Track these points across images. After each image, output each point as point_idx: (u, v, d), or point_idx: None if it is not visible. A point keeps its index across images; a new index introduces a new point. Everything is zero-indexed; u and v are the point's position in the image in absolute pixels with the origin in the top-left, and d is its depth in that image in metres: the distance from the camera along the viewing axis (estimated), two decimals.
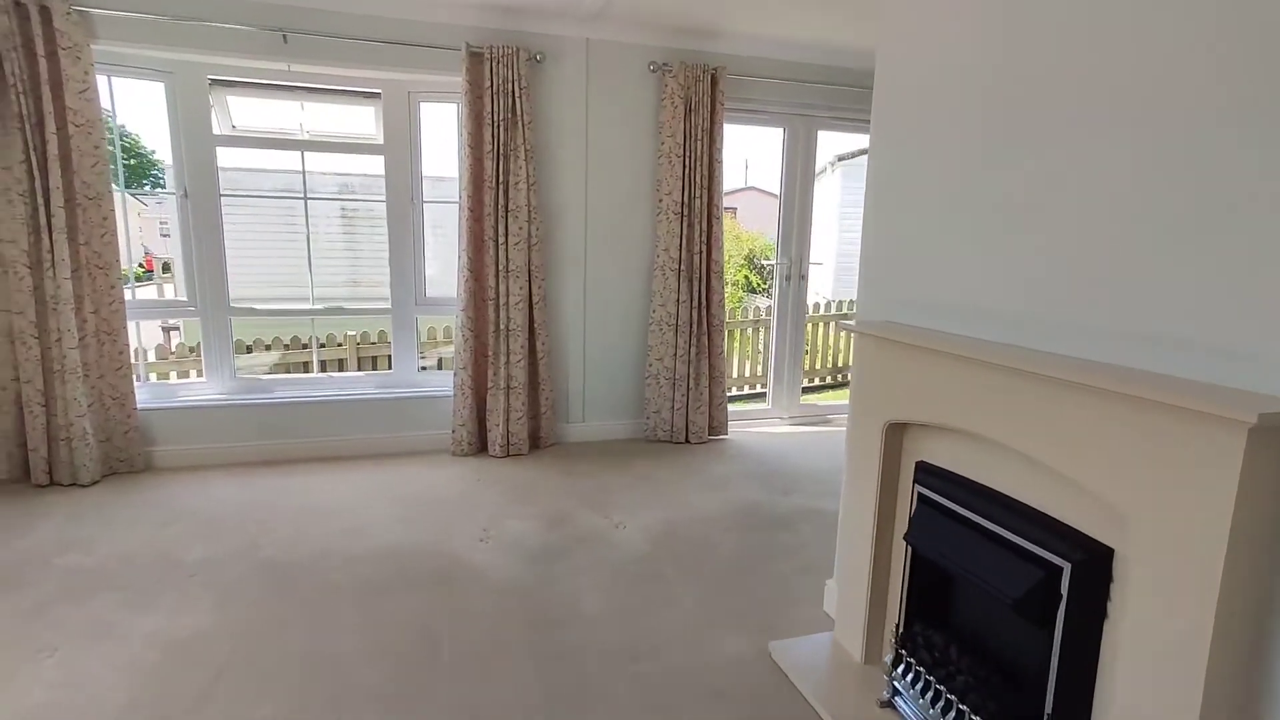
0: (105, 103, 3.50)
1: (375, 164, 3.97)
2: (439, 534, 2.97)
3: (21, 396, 3.30)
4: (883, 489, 1.95)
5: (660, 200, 4.11)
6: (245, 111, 3.97)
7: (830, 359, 7.37)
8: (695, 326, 4.23)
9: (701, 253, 4.17)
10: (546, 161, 3.99)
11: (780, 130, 4.56)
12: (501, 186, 3.77)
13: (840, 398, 6.82)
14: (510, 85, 3.69)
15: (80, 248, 3.32)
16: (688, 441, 4.34)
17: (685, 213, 4.10)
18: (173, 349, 5.74)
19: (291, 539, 2.88)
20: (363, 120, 4.28)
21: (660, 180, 4.09)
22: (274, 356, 6.67)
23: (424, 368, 4.51)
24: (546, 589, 2.54)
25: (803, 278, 4.79)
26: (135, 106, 3.00)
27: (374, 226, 8.57)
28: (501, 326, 3.89)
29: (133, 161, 15.97)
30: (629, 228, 4.22)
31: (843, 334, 7.35)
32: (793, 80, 4.32)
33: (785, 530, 3.12)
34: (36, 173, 3.17)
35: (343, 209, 8.62)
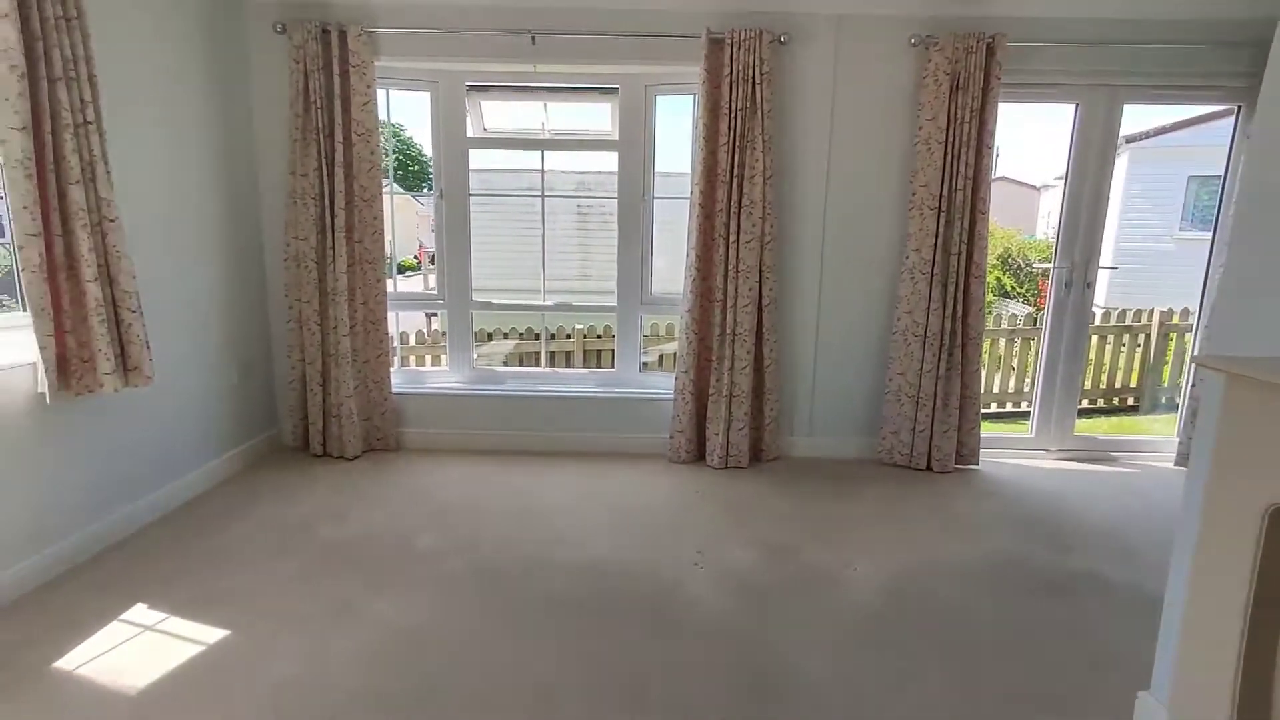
0: (382, 113, 3.84)
1: (611, 161, 3.94)
2: (651, 552, 2.82)
3: (305, 376, 3.74)
4: (1258, 598, 1.38)
5: (914, 193, 3.59)
6: (495, 114, 4.17)
7: (1109, 378, 6.17)
8: (948, 338, 3.65)
9: (961, 254, 3.57)
10: (785, 153, 3.67)
11: (1071, 107, 3.77)
12: (736, 180, 3.53)
13: (1122, 429, 5.65)
14: (751, 71, 3.42)
15: (355, 245, 3.68)
16: (929, 469, 3.78)
17: (944, 207, 3.54)
18: (428, 336, 6.33)
19: (507, 539, 2.90)
20: (600, 117, 4.29)
21: (916, 170, 3.57)
22: (510, 345, 7.13)
23: (645, 364, 4.44)
24: (763, 638, 2.25)
25: (1088, 285, 3.95)
26: (418, 115, 3.31)
27: (606, 224, 8.88)
28: (727, 330, 3.66)
29: (415, 167, 18.33)
30: (874, 225, 3.75)
31: (1123, 351, 6.10)
32: (1093, 43, 3.54)
33: (1062, 601, 2.51)
34: (325, 178, 3.55)
35: (579, 206, 9.02)
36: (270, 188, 3.75)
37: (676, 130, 4.02)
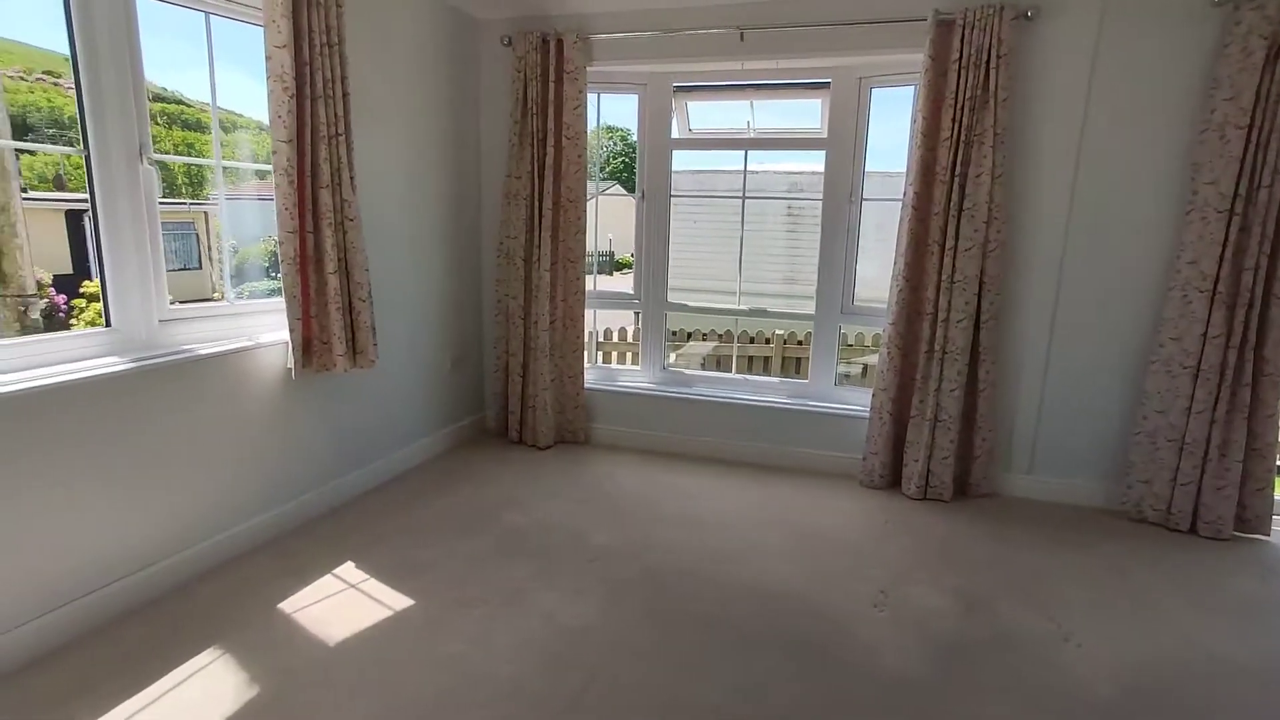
0: (606, 118, 3.97)
1: (820, 160, 3.71)
2: (828, 582, 2.59)
3: (508, 367, 4.00)
4: None
5: (1195, 193, 2.93)
6: (701, 115, 4.13)
7: None
8: (1231, 374, 2.93)
9: (1259, 269, 2.85)
10: (1019, 148, 3.18)
11: None
12: (957, 180, 3.13)
13: None
14: (985, 55, 3.01)
15: (559, 244, 3.84)
16: (1194, 532, 3.08)
17: (1239, 210, 2.84)
18: (630, 334, 6.51)
19: (679, 547, 2.84)
20: (809, 114, 4.07)
21: (1200, 164, 2.91)
22: (708, 347, 7.11)
23: (846, 375, 4.14)
24: (948, 707, 1.95)
25: None
26: (629, 118, 3.37)
27: (814, 226, 8.53)
28: (936, 347, 3.27)
29: (627, 175, 19.10)
30: (1133, 231, 3.13)
31: None
32: None
33: None
34: (536, 179, 3.75)
35: (788, 208, 8.74)
36: (490, 189, 4.05)
37: (889, 126, 3.69)
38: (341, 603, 2.35)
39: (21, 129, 4.02)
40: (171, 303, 2.53)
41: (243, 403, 2.65)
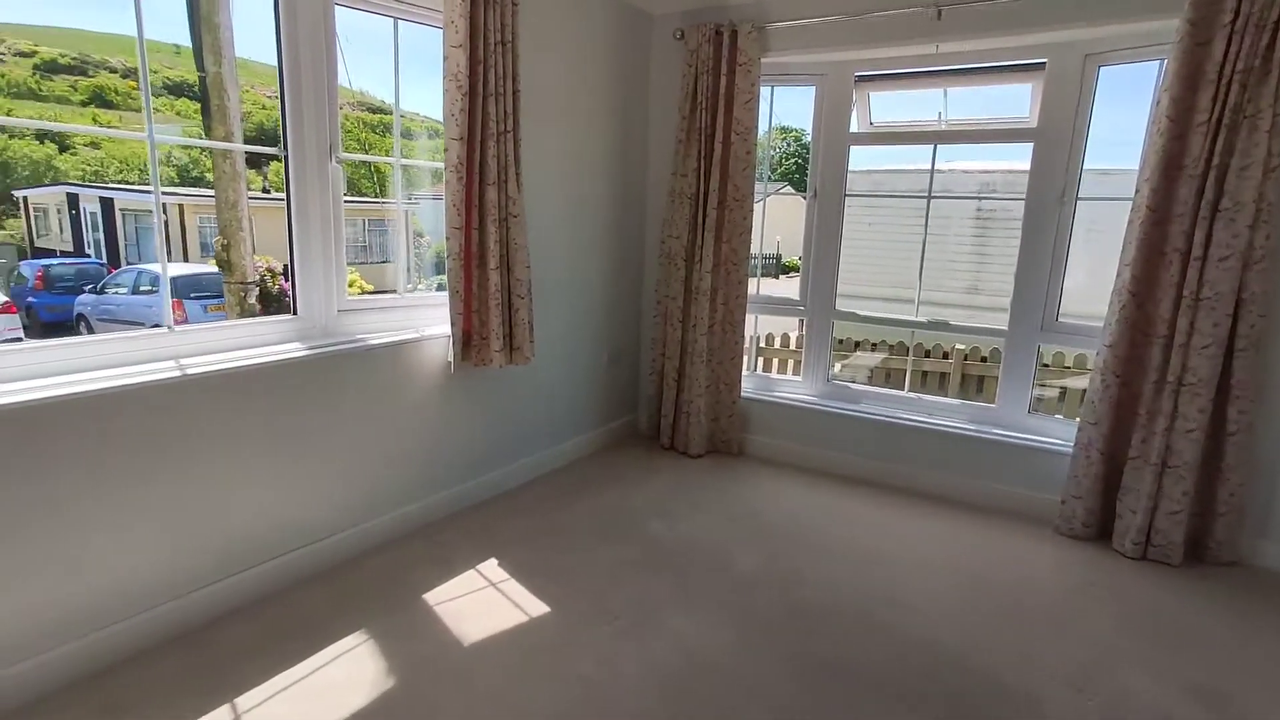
0: (778, 118, 3.76)
1: (1022, 155, 3.23)
2: (1011, 653, 2.19)
3: (664, 370, 3.89)
4: None
5: None
6: (885, 106, 3.76)
7: None
8: None
9: None
10: None
11: None
12: (1213, 174, 2.55)
13: None
14: (1274, 13, 2.42)
15: (723, 245, 3.67)
16: None
17: None
18: (794, 341, 6.19)
19: (833, 583, 2.55)
20: (1014, 102, 3.56)
21: None
22: (876, 359, 6.60)
23: (1039, 399, 3.60)
24: None
25: None
26: (804, 117, 3.12)
27: (1011, 231, 7.63)
28: (1169, 377, 2.70)
29: (798, 176, 18.50)
30: None
31: None
32: None
33: None
34: (702, 178, 3.60)
35: (978, 209, 7.92)
36: (654, 187, 3.97)
37: (1111, 114, 3.12)
38: (481, 601, 2.35)
39: (273, 139, 4.68)
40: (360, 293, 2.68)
41: (405, 392, 2.75)
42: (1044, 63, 3.10)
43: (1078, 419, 3.00)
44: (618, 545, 2.78)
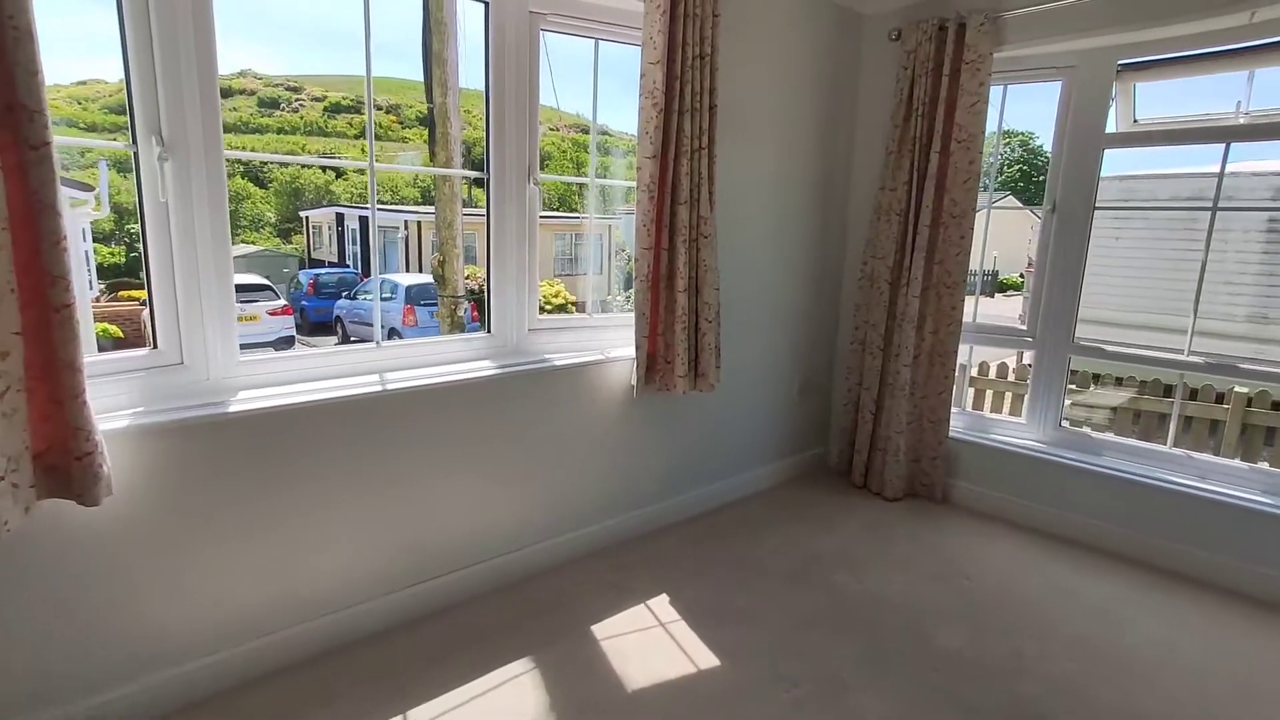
0: (996, 121, 3.31)
1: None
2: None
3: (859, 401, 3.55)
4: None
5: None
6: (1156, 99, 3.12)
7: None
8: None
9: None
10: None
11: None
12: None
13: None
14: None
15: (934, 266, 3.26)
16: None
17: None
18: (1012, 371, 5.44)
19: (1069, 683, 2.09)
20: None
21: None
22: (1121, 398, 5.59)
23: None
24: None
25: None
26: (1041, 116, 2.68)
27: None
28: None
29: (1042, 178, 16.66)
30: None
31: None
32: None
33: None
34: (913, 192, 3.24)
35: (1268, 221, 6.44)
36: (858, 204, 3.65)
37: None
38: (648, 641, 2.23)
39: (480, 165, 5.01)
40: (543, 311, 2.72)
41: (588, 413, 2.73)
42: None
43: None
44: (799, 593, 2.53)
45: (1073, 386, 5.93)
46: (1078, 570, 2.79)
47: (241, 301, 10.22)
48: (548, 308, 11.35)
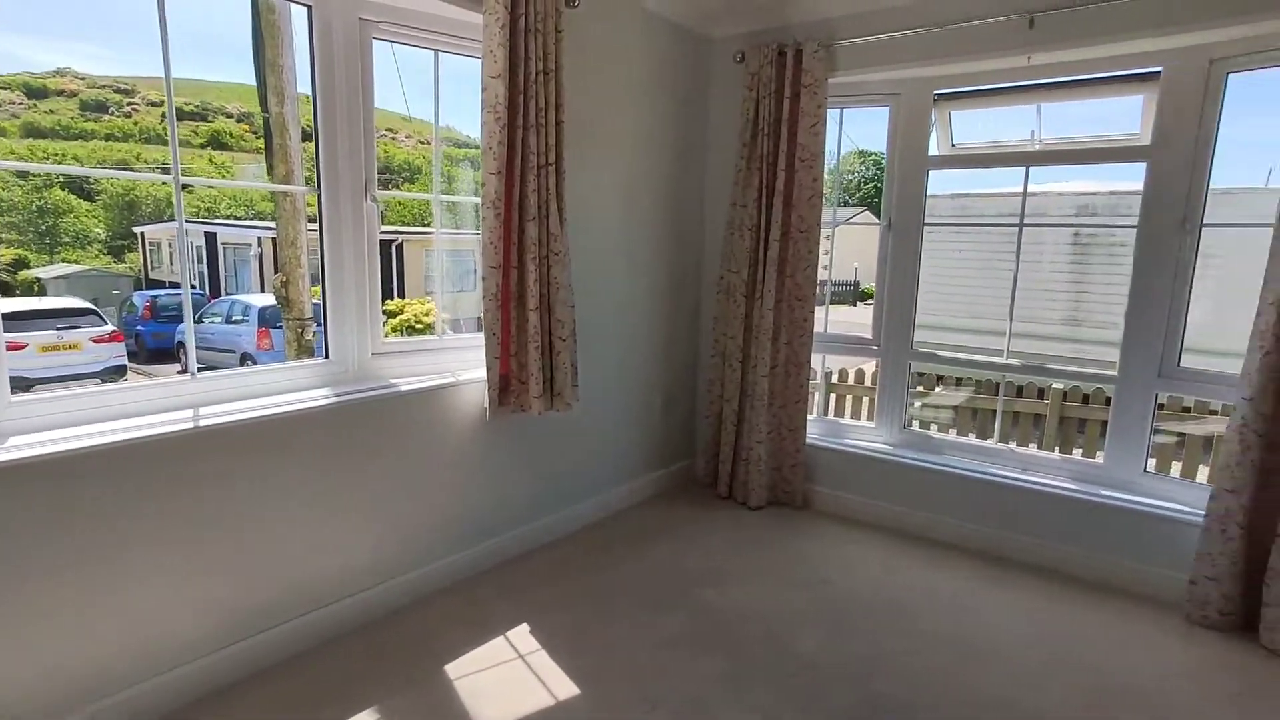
0: (849, 142, 3.50)
1: (1127, 174, 2.83)
2: None
3: (722, 413, 3.61)
4: None
5: None
6: (968, 126, 3.42)
7: None
8: None
9: None
10: None
11: None
12: None
13: None
14: None
15: (786, 280, 3.39)
16: None
17: None
18: (870, 377, 5.77)
19: (917, 675, 2.20)
20: (1120, 117, 3.15)
21: None
22: (960, 398, 6.08)
23: (1156, 448, 3.11)
24: None
25: None
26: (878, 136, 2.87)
27: (1115, 260, 6.94)
28: None
29: (879, 200, 17.95)
30: None
31: None
32: None
33: None
34: (763, 208, 3.35)
35: (1074, 235, 7.27)
36: (713, 219, 3.74)
37: (1245, 126, 2.68)
38: (506, 676, 2.13)
39: None
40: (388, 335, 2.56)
41: (440, 440, 2.59)
42: (1158, 71, 2.71)
43: (1204, 479, 2.54)
44: (664, 613, 2.51)
45: (921, 389, 6.39)
46: (928, 565, 2.96)
47: (60, 328, 9.06)
48: (418, 327, 10.91)
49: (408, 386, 2.49)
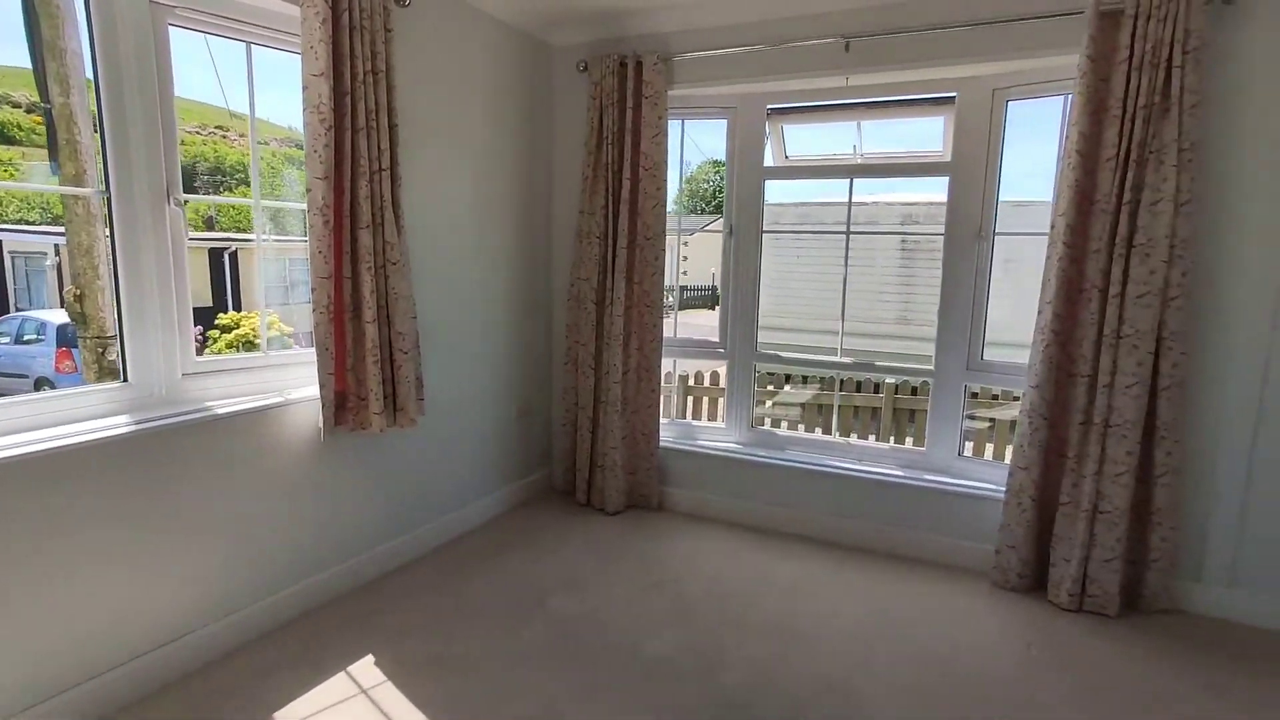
0: (673, 146, 3.58)
1: (941, 188, 3.14)
2: None
3: (577, 420, 3.61)
4: None
5: None
6: (801, 140, 3.65)
7: None
8: None
9: None
10: (1213, 169, 2.49)
11: None
12: (1125, 210, 2.47)
13: None
14: (1165, 51, 2.36)
15: (634, 286, 3.44)
16: None
17: None
18: (723, 379, 5.99)
19: (763, 669, 2.29)
20: (929, 135, 3.49)
21: None
22: (807, 395, 6.47)
23: (970, 433, 3.47)
24: None
25: None
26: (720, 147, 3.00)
27: (934, 265, 7.68)
28: (1095, 419, 2.59)
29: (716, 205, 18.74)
30: None
31: None
32: None
33: None
34: (610, 216, 3.38)
35: (902, 242, 7.98)
36: (562, 227, 3.73)
37: (1027, 147, 3.07)
38: (348, 715, 1.99)
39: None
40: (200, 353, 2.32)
41: (269, 466, 2.39)
42: (954, 96, 3.03)
43: (1007, 461, 2.86)
44: (519, 629, 2.45)
45: (771, 388, 6.74)
46: (777, 557, 3.10)
47: None
48: (256, 342, 10.05)
49: (228, 409, 2.27)
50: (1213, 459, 2.61)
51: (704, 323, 3.70)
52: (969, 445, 5.29)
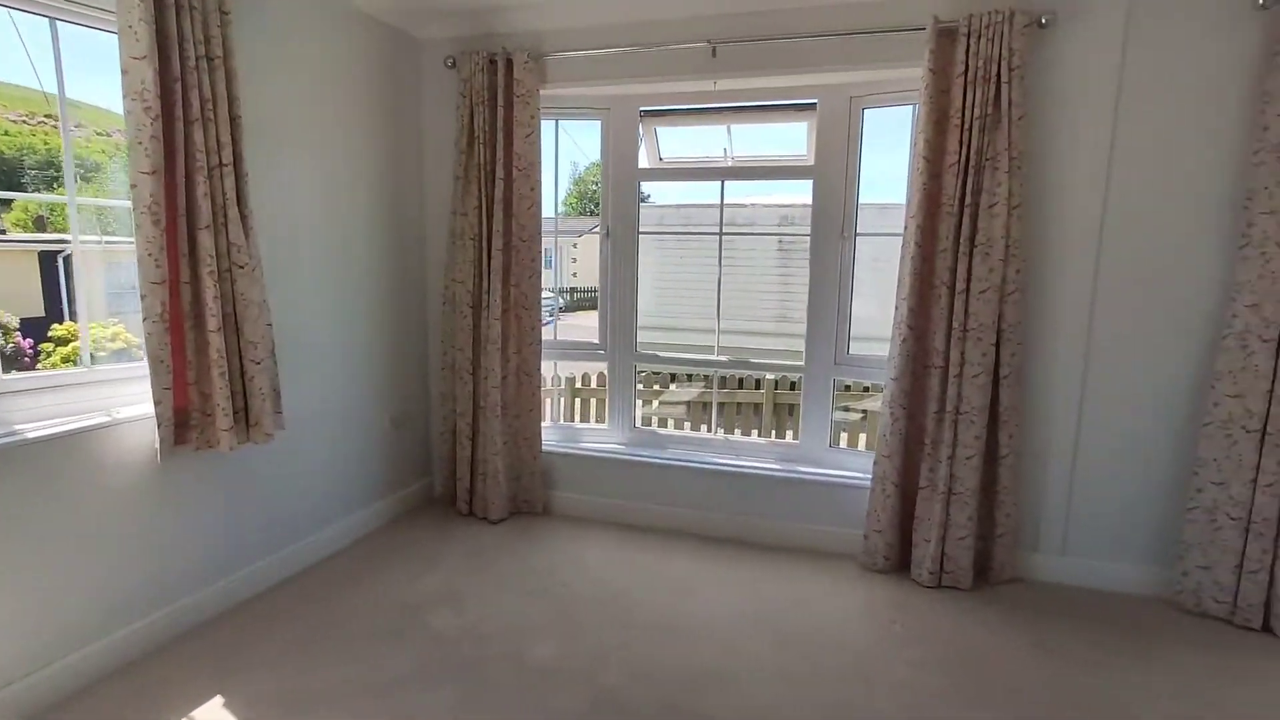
0: (549, 146, 3.54)
1: (808, 191, 3.27)
2: (833, 709, 2.05)
3: (456, 428, 3.48)
4: None
5: (1250, 224, 2.46)
6: (674, 142, 3.69)
7: None
8: None
9: None
10: (1039, 174, 2.74)
11: None
12: (967, 212, 2.67)
13: None
14: (994, 68, 2.57)
15: (511, 289, 3.37)
16: (1268, 629, 2.55)
17: None
18: (594, 381, 5.98)
19: (645, 665, 2.29)
20: (793, 140, 3.63)
21: (1255, 191, 2.45)
22: (693, 393, 6.60)
23: (843, 425, 3.64)
24: None
25: None
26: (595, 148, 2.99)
27: (804, 264, 8.05)
28: (948, 407, 2.78)
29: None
30: (1178, 272, 2.66)
31: None
32: None
33: None
34: (484, 217, 3.29)
35: (779, 243, 8.29)
36: (435, 228, 3.59)
37: (887, 152, 3.25)
38: None
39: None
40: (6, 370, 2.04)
41: (93, 494, 2.14)
42: (815, 103, 3.16)
43: (874, 454, 3.02)
44: (391, 652, 2.33)
45: (658, 387, 6.81)
46: (661, 555, 3.12)
47: None
48: (101, 355, 9.08)
49: (40, 432, 2.01)
50: (1046, 440, 2.87)
51: (595, 324, 3.68)
52: (844, 436, 5.58)
